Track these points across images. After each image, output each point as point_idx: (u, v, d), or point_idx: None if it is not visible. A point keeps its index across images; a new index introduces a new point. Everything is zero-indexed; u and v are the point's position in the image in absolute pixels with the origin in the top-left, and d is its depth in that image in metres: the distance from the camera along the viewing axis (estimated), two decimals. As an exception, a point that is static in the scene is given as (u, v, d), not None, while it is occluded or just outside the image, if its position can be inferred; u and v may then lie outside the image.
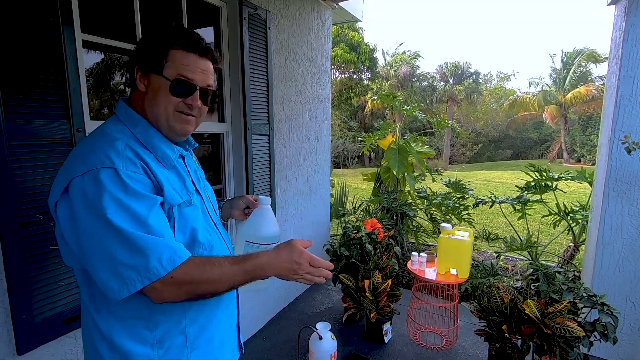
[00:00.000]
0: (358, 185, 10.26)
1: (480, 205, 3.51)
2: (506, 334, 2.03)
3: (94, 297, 0.80)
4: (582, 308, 2.03)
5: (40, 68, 1.25)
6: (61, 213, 0.74)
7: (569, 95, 17.64)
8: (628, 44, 2.07)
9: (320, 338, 2.09)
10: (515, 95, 21.47)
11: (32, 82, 1.23)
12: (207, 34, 2.30)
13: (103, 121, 0.86)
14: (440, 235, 2.36)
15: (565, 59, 18.88)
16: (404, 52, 20.88)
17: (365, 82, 17.51)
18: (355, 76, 16.30)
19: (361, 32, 16.70)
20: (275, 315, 2.79)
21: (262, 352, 2.34)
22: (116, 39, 1.67)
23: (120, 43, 1.70)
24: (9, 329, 1.24)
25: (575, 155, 19.01)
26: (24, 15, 1.20)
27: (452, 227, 2.40)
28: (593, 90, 16.52)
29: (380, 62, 19.89)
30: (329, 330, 2.14)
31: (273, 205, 2.64)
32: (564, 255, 3.22)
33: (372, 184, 4.38)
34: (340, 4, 3.27)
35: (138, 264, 0.69)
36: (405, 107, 4.23)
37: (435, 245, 4.29)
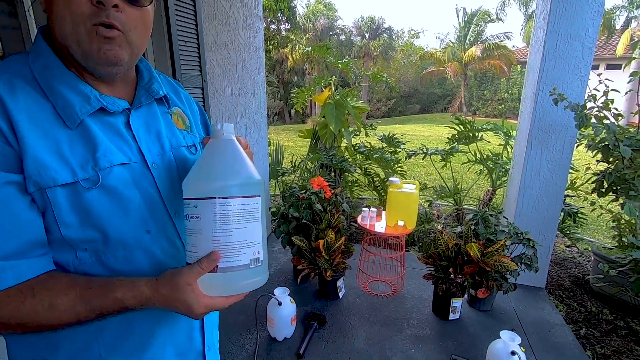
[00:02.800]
0: (285, 143, 10.07)
1: (412, 157, 3.69)
2: (452, 276, 2.21)
3: None
4: (510, 244, 2.29)
5: None
6: None
7: (466, 53, 19.32)
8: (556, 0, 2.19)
9: (280, 304, 2.01)
10: (424, 50, 22.76)
11: None
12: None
13: None
14: (390, 189, 2.40)
15: (466, 18, 20.39)
16: (320, 2, 20.24)
17: (284, 33, 16.64)
18: (273, 26, 15.32)
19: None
20: (222, 285, 2.63)
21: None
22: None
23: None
24: None
25: (472, 108, 21.34)
26: None
27: (400, 181, 2.44)
28: (478, 52, 18.31)
29: (300, 12, 19.02)
30: (288, 295, 2.08)
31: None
32: (483, 199, 3.61)
33: (302, 141, 4.26)
34: None
35: None
36: (338, 60, 4.09)
37: (369, 198, 4.46)
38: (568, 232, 2.96)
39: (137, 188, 0.60)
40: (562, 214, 2.68)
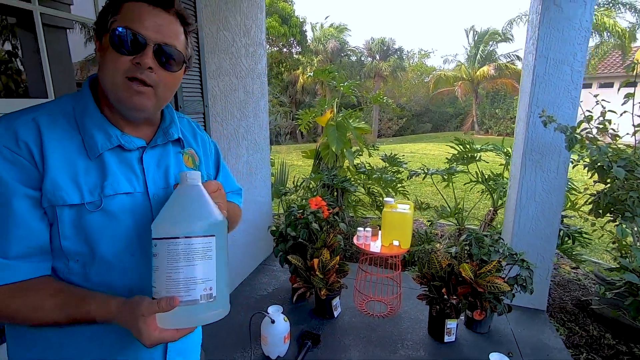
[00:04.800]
0: (294, 162, 10.22)
1: (413, 177, 3.72)
2: (445, 296, 2.21)
3: None
4: (505, 265, 2.29)
5: None
6: None
7: (478, 72, 19.42)
8: (543, 26, 2.26)
9: (273, 322, 2.05)
10: (436, 71, 22.97)
11: None
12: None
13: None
14: (384, 209, 2.44)
15: (476, 38, 20.60)
16: (332, 25, 20.81)
17: (295, 56, 17.13)
18: (285, 50, 15.83)
19: (291, 3, 16.15)
20: (221, 302, 2.68)
21: (210, 342, 2.24)
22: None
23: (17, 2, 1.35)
24: None
25: (484, 127, 21.22)
26: None
27: (395, 201, 2.49)
28: (492, 70, 18.40)
29: (310, 35, 19.63)
30: (281, 312, 2.12)
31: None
32: (485, 219, 3.60)
33: (310, 160, 4.36)
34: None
35: None
36: (341, 83, 4.22)
37: (373, 218, 4.49)
38: (570, 253, 2.91)
39: (133, 215, 0.69)
40: (561, 234, 2.66)
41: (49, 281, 0.65)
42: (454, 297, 2.19)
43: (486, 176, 3.65)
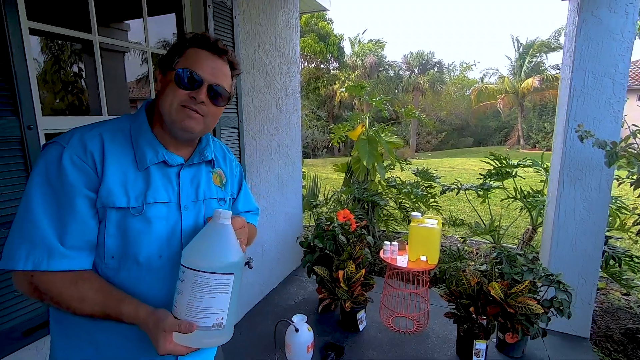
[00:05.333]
0: (329, 175, 10.32)
1: (447, 192, 3.65)
2: (473, 315, 2.14)
3: None
4: (540, 286, 2.17)
5: (-19, 59, 1.13)
6: None
7: (523, 84, 18.57)
8: (581, 38, 2.19)
9: (297, 330, 2.10)
10: (477, 85, 22.29)
11: (-27, 75, 1.12)
12: (168, 21, 2.18)
13: (60, 117, 0.80)
14: (411, 224, 2.43)
15: (521, 49, 19.80)
16: (370, 41, 21.00)
17: (333, 71, 17.46)
18: (322, 66, 16.20)
19: (330, 23, 16.59)
20: (251, 309, 2.77)
21: (238, 346, 2.33)
22: (68, 27, 1.55)
23: (73, 31, 1.57)
24: (-40, 346, 1.14)
25: (531, 141, 20.12)
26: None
27: (422, 216, 2.47)
28: (536, 83, 17.51)
29: (348, 51, 19.93)
30: (305, 322, 2.16)
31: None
32: (523, 238, 3.42)
33: (343, 174, 4.41)
34: (307, -8, 3.21)
35: (12, 243, 0.70)
36: (374, 98, 4.27)
37: (405, 233, 4.42)
38: (619, 278, 2.69)
39: (166, 222, 0.80)
40: (605, 256, 2.48)
41: (95, 277, 0.75)
42: (483, 316, 2.11)
43: (525, 193, 3.49)
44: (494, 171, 3.41)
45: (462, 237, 3.61)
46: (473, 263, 3.28)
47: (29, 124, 1.25)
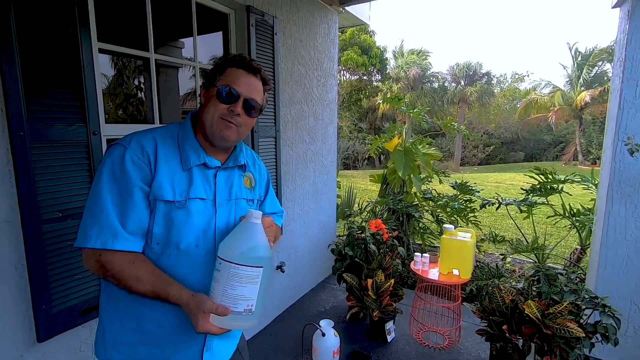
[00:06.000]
0: (367, 187, 10.28)
1: (487, 206, 3.52)
2: (507, 334, 2.05)
3: None
4: (584, 309, 2.03)
5: (60, 74, 1.35)
6: None
7: (581, 95, 17.30)
8: (631, 47, 2.07)
9: (323, 335, 2.14)
10: (528, 96, 21.12)
11: (52, 88, 1.33)
12: (216, 39, 2.39)
13: (120, 125, 0.95)
14: (443, 236, 2.40)
15: (579, 59, 18.53)
16: (414, 52, 20.78)
17: (375, 83, 17.50)
18: (365, 78, 16.30)
19: (373, 35, 16.74)
20: (282, 312, 2.86)
21: (268, 348, 2.41)
22: (129, 47, 1.77)
23: (134, 50, 1.79)
24: (30, 318, 1.34)
25: (591, 157, 18.60)
26: (46, 26, 1.30)
27: (455, 229, 2.42)
28: (594, 94, 16.18)
29: (391, 63, 19.88)
30: (332, 327, 2.20)
31: (280, 204, 2.71)
32: (570, 258, 3.20)
33: (379, 185, 4.42)
34: (346, 8, 3.33)
35: (86, 225, 0.83)
36: (413, 109, 4.26)
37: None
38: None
39: (203, 216, 0.92)
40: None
41: (148, 261, 0.87)
42: (518, 336, 2.02)
43: (574, 210, 3.28)
44: (537, 186, 3.24)
45: (501, 254, 3.45)
46: (513, 281, 3.11)
47: (94, 130, 1.45)
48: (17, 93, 1.23)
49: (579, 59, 18.50)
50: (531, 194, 3.19)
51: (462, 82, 21.16)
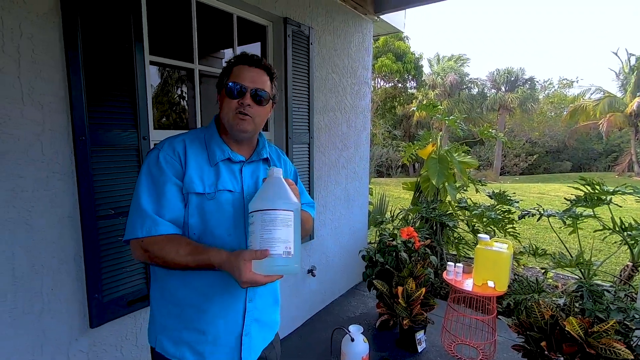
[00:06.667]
0: (400, 194, 10.13)
1: (526, 218, 3.36)
2: (546, 352, 1.95)
3: None
4: (634, 330, 1.90)
5: (116, 85, 1.49)
6: None
7: (634, 101, 16.02)
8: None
9: (352, 340, 2.15)
10: (576, 102, 19.88)
11: (110, 97, 1.48)
12: (254, 50, 2.51)
13: (165, 130, 1.05)
14: (477, 246, 2.33)
15: (637, 62, 17.22)
16: (451, 58, 20.28)
17: (410, 90, 17.27)
18: (400, 85, 16.15)
19: (407, 41, 16.58)
20: (312, 316, 2.90)
21: (297, 350, 2.45)
22: (177, 59, 1.91)
23: (180, 62, 1.94)
24: (85, 306, 1.47)
25: (648, 168, 17.14)
26: (106, 41, 1.45)
27: (491, 239, 2.35)
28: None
29: (426, 70, 19.55)
30: (361, 333, 2.20)
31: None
32: (620, 276, 2.98)
33: (412, 193, 4.35)
34: (381, 16, 3.36)
35: (132, 220, 0.94)
36: (448, 117, 4.18)
37: (477, 258, 4.15)
38: None
39: (233, 206, 1.00)
40: None
41: (182, 236, 0.96)
42: (558, 354, 1.91)
43: (626, 224, 3.05)
44: (583, 197, 3.06)
45: (542, 268, 3.28)
46: (554, 297, 2.95)
47: (144, 135, 1.59)
48: (80, 102, 1.38)
49: (633, 62, 17.20)
50: (576, 205, 3.01)
51: (503, 88, 20.34)
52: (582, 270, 3.09)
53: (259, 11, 2.24)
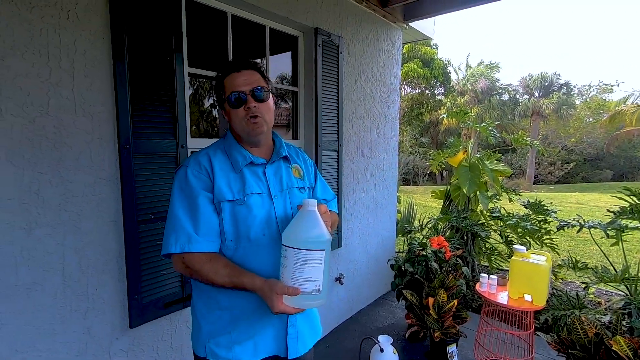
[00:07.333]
0: (428, 203, 9.92)
1: (565, 229, 3.20)
2: (590, 372, 1.84)
3: None
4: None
5: (158, 95, 1.57)
6: None
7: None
8: None
9: (382, 350, 2.11)
10: (617, 108, 18.81)
11: (152, 107, 1.56)
12: (285, 59, 2.56)
13: (199, 139, 1.10)
14: (513, 257, 2.24)
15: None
16: (481, 64, 19.78)
17: (438, 97, 16.97)
18: (427, 91, 15.91)
19: (435, 47, 16.37)
20: (339, 325, 2.88)
21: (325, 357, 2.44)
22: (212, 70, 1.99)
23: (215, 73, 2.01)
24: (125, 306, 1.54)
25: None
26: (150, 54, 1.53)
27: (527, 250, 2.26)
28: None
29: (454, 76, 19.17)
30: (391, 344, 2.16)
31: (340, 216, 2.76)
32: (672, 293, 2.75)
33: (441, 202, 4.26)
34: (410, 24, 3.35)
35: (167, 236, 0.99)
36: (479, 124, 4.08)
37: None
38: None
39: (262, 208, 1.04)
40: None
41: (222, 257, 1.00)
42: (603, 376, 1.80)
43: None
44: (628, 208, 2.88)
45: (583, 283, 3.10)
46: (597, 314, 2.77)
47: (182, 143, 1.66)
48: (126, 112, 1.46)
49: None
50: (620, 217, 2.84)
51: (537, 94, 19.59)
52: (628, 286, 2.90)
53: (290, 22, 2.29)
